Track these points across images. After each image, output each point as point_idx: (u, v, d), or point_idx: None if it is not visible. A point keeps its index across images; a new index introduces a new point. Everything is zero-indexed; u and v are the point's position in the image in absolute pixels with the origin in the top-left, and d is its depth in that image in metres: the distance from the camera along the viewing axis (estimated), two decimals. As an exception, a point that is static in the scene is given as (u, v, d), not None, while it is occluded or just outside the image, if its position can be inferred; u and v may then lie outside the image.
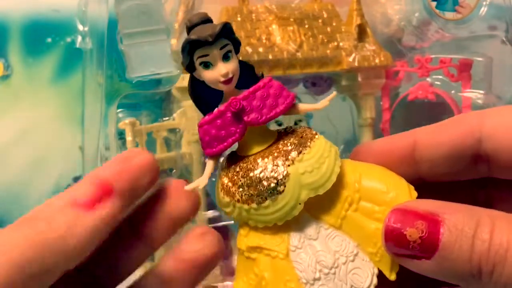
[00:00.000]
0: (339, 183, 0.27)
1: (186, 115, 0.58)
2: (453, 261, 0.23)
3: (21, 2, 0.67)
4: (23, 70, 0.67)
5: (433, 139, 0.27)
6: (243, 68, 0.28)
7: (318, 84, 0.64)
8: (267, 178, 0.26)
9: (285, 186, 0.26)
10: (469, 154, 0.26)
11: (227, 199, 0.27)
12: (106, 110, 0.56)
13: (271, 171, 0.26)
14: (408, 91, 0.63)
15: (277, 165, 0.26)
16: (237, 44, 0.28)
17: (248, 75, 0.28)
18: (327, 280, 0.26)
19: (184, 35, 0.27)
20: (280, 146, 0.27)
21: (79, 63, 0.59)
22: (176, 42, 0.54)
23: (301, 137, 0.28)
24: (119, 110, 0.57)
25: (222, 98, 0.28)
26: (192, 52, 0.27)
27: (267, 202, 0.26)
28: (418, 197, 0.27)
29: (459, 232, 0.23)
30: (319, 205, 0.27)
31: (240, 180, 0.27)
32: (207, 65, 0.27)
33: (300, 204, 0.26)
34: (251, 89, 0.27)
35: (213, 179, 0.62)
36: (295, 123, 0.63)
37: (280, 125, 0.63)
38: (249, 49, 0.59)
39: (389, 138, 0.30)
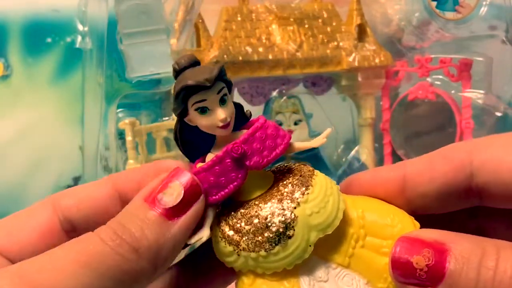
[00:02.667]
0: (342, 220, 0.26)
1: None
2: None
3: (21, 2, 0.67)
4: (23, 70, 0.67)
5: (424, 175, 0.27)
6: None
7: (318, 84, 0.64)
8: (275, 224, 0.25)
9: (294, 230, 0.25)
10: (461, 188, 0.26)
11: (230, 248, 0.26)
12: (106, 110, 0.56)
13: (278, 216, 0.25)
14: (408, 91, 0.63)
15: (283, 209, 0.25)
16: (229, 85, 0.26)
17: (238, 115, 0.27)
18: None
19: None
20: (281, 187, 0.26)
21: (79, 63, 0.59)
22: (175, 42, 0.54)
23: (300, 175, 0.27)
24: (119, 110, 0.57)
25: (213, 143, 0.27)
26: (187, 98, 0.25)
27: (276, 248, 0.25)
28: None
29: (465, 260, 0.23)
30: (326, 245, 0.26)
31: (244, 228, 0.26)
32: (204, 111, 0.25)
33: (310, 246, 0.25)
34: (250, 131, 0.26)
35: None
36: (295, 123, 0.63)
37: (280, 125, 0.63)
38: (249, 49, 0.59)
39: (377, 171, 0.29)
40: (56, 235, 0.27)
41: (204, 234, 0.26)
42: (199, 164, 0.27)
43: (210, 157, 0.26)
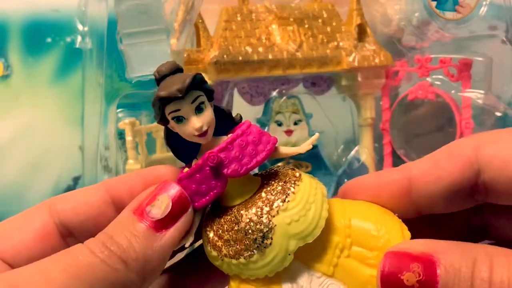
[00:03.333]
0: (328, 228, 0.26)
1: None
2: None
3: (21, 2, 0.67)
4: (23, 70, 0.67)
5: (431, 175, 0.26)
6: (219, 114, 0.27)
7: (318, 84, 0.64)
8: (253, 232, 0.25)
9: (272, 239, 0.25)
10: (468, 186, 0.26)
11: (214, 253, 0.26)
12: (106, 110, 0.56)
13: (256, 224, 0.25)
14: (408, 91, 0.63)
15: (262, 217, 0.25)
16: (209, 93, 0.26)
17: (225, 120, 0.27)
18: None
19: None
20: (264, 194, 0.26)
21: (79, 63, 0.59)
22: (175, 42, 0.54)
23: (284, 181, 0.26)
24: (119, 110, 0.57)
25: (199, 148, 0.27)
26: (163, 108, 0.25)
27: (255, 257, 0.25)
28: (415, 229, 0.27)
29: (456, 272, 0.23)
30: (310, 252, 0.26)
31: (226, 235, 0.26)
32: (180, 120, 0.25)
33: (290, 255, 0.25)
34: (228, 139, 0.26)
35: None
36: (295, 123, 0.63)
37: (280, 125, 0.63)
38: (249, 49, 0.59)
39: (381, 174, 0.29)
40: (52, 239, 0.27)
41: (187, 241, 0.26)
42: (186, 170, 0.27)
43: (194, 163, 0.27)
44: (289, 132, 0.63)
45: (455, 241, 0.24)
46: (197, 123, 0.25)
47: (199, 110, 0.25)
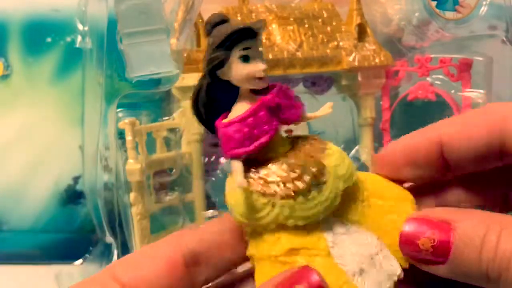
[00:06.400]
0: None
1: (185, 115, 0.58)
2: (464, 267, 0.24)
3: (21, 2, 0.67)
4: (23, 69, 0.67)
5: (462, 135, 0.27)
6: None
7: (318, 83, 0.64)
8: (310, 171, 0.26)
9: (326, 177, 0.26)
10: (497, 144, 0.27)
11: (263, 200, 0.26)
12: (106, 109, 0.56)
13: (310, 164, 0.26)
14: (408, 91, 0.63)
15: (314, 158, 0.27)
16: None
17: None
18: (369, 270, 0.27)
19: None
20: (301, 146, 0.28)
21: (79, 62, 0.59)
22: (175, 42, 0.54)
23: (314, 139, 0.28)
24: (119, 110, 0.57)
25: (232, 104, 0.27)
26: (234, 45, 0.25)
27: (313, 193, 0.26)
28: (454, 193, 0.29)
29: (468, 239, 0.24)
30: (339, 205, 0.28)
31: (281, 176, 0.26)
32: (246, 59, 0.26)
33: (340, 194, 0.27)
34: (276, 88, 0.27)
35: (213, 178, 0.62)
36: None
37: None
38: (249, 49, 0.59)
39: (412, 137, 0.30)
40: (179, 271, 0.27)
41: (242, 182, 0.26)
42: (224, 120, 0.27)
43: (237, 111, 0.27)
44: (289, 132, 0.62)
45: (473, 210, 0.26)
46: (262, 65, 0.26)
47: (260, 56, 0.26)
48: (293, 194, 0.26)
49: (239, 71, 0.26)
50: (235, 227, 0.28)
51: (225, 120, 0.27)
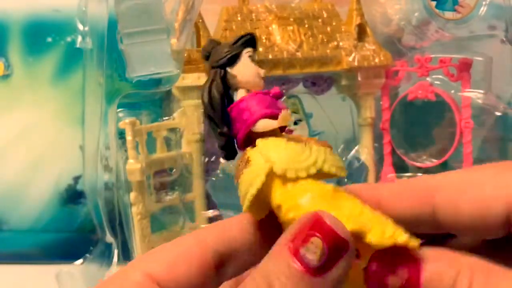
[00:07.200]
0: None
1: (186, 115, 0.58)
2: None
3: (21, 2, 0.67)
4: (23, 69, 0.68)
5: (455, 207, 0.26)
6: None
7: (318, 83, 0.64)
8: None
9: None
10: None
11: (301, 144, 0.28)
12: (106, 109, 0.56)
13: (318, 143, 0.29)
14: (408, 91, 0.63)
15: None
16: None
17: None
18: None
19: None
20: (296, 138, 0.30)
21: (80, 62, 0.59)
22: (176, 42, 0.55)
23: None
24: (119, 110, 0.57)
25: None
26: (245, 46, 0.30)
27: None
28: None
29: (438, 282, 0.23)
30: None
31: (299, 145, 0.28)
32: (253, 59, 0.30)
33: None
34: (265, 91, 0.30)
35: (213, 178, 0.62)
36: (295, 123, 0.63)
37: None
38: (249, 49, 0.59)
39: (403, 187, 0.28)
40: (212, 272, 0.26)
41: (286, 114, 0.28)
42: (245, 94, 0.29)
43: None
44: (289, 132, 0.63)
45: (443, 250, 0.24)
46: (260, 70, 0.30)
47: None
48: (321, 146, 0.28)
49: (249, 66, 0.29)
50: (255, 226, 0.27)
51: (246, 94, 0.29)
